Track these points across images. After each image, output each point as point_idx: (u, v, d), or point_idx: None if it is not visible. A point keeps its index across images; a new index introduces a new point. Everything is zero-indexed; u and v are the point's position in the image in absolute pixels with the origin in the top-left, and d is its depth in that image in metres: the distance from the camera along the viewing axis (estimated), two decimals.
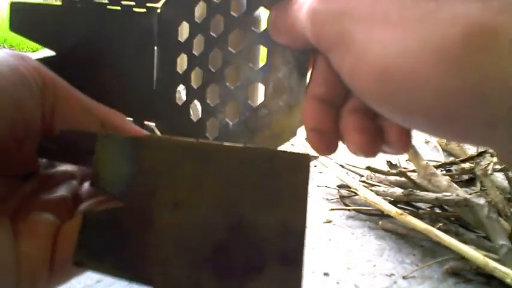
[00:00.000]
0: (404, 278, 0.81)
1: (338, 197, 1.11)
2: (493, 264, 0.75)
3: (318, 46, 0.15)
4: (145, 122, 0.24)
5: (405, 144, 0.16)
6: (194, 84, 0.22)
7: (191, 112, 0.23)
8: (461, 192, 0.92)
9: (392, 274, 0.82)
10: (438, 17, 0.11)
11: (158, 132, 0.24)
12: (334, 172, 1.19)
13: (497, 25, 0.10)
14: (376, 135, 0.16)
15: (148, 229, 0.18)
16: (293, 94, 0.20)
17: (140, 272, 0.18)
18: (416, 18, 0.12)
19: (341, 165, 1.28)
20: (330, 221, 1.00)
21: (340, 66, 0.15)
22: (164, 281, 0.18)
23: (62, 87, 0.19)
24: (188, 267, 0.17)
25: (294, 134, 0.21)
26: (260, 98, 0.21)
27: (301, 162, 0.17)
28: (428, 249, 0.91)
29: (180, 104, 0.23)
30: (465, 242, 0.83)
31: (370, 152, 0.16)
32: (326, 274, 0.80)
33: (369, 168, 1.14)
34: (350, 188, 1.10)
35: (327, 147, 0.17)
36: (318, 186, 1.16)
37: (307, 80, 0.19)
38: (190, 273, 0.17)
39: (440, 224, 0.87)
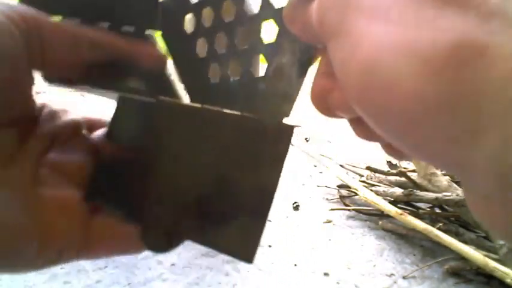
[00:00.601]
0: (404, 278, 0.81)
1: (338, 197, 1.11)
2: (493, 264, 0.75)
3: (320, 35, 0.16)
4: (146, 32, 0.24)
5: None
6: (205, 22, 0.22)
7: (197, 47, 0.23)
8: (461, 192, 0.92)
9: (392, 274, 0.82)
10: (433, 26, 0.12)
11: (157, 42, 0.24)
12: (334, 172, 1.19)
13: (488, 44, 0.10)
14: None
15: (148, 176, 0.22)
16: (290, 86, 0.20)
17: (134, 211, 0.21)
18: (414, 22, 0.12)
19: (341, 165, 1.28)
20: (330, 221, 0.99)
21: (334, 57, 0.15)
22: (151, 217, 0.21)
23: (45, 24, 0.20)
24: (174, 209, 0.21)
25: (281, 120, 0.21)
26: (261, 72, 0.21)
27: (285, 132, 0.20)
28: (428, 249, 0.91)
29: (188, 33, 0.23)
30: (465, 242, 0.83)
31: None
32: (326, 274, 0.80)
33: (368, 168, 1.14)
34: (350, 188, 1.10)
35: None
36: (318, 186, 1.16)
37: (303, 82, 0.19)
38: (175, 213, 0.21)
39: (440, 224, 0.87)
